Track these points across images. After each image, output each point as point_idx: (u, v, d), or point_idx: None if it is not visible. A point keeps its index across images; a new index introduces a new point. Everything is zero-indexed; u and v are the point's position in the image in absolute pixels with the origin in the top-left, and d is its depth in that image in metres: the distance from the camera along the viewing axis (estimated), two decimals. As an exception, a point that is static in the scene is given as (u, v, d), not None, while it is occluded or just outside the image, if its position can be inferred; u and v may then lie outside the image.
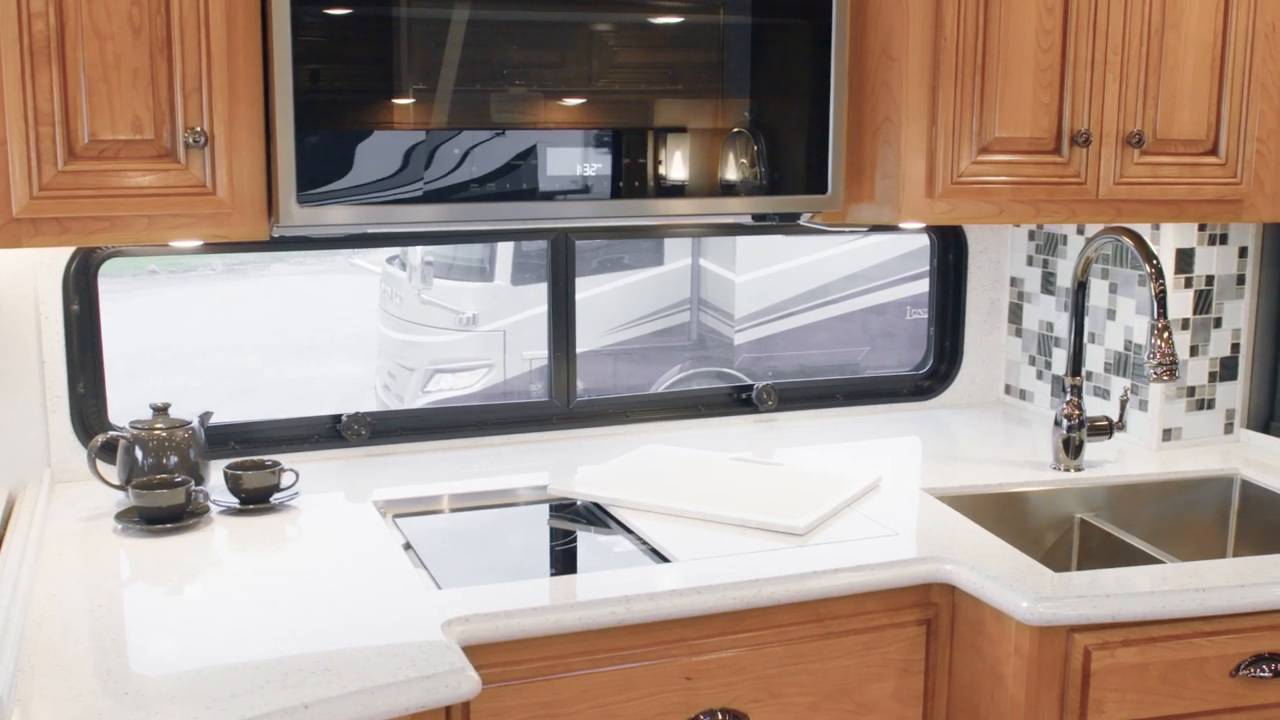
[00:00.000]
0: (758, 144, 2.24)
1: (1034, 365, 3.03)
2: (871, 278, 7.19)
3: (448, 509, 2.41)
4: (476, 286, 6.98)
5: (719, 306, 7.22)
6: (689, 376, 7.09)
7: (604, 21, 2.16)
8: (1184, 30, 2.35)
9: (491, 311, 6.90)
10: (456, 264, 7.07)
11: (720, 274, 7.21)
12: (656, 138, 2.21)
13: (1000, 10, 2.26)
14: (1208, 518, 2.61)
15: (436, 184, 2.08)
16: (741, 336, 7.19)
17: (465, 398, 6.54)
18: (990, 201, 2.33)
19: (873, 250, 7.10)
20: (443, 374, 6.99)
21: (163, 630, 1.81)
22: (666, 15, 2.19)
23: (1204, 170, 2.41)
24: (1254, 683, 2.05)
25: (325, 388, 8.35)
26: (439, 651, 1.74)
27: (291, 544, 2.17)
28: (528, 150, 2.13)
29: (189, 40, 1.91)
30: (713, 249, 7.11)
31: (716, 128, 2.24)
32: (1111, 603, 1.97)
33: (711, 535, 2.20)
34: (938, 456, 2.72)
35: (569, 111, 2.17)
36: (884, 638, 2.09)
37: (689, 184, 2.23)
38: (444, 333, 6.99)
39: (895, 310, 7.28)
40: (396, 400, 6.95)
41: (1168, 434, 2.73)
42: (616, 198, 2.19)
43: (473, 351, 6.94)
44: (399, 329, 7.24)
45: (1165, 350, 2.31)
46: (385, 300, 7.43)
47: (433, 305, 7.00)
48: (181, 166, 1.94)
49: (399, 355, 7.19)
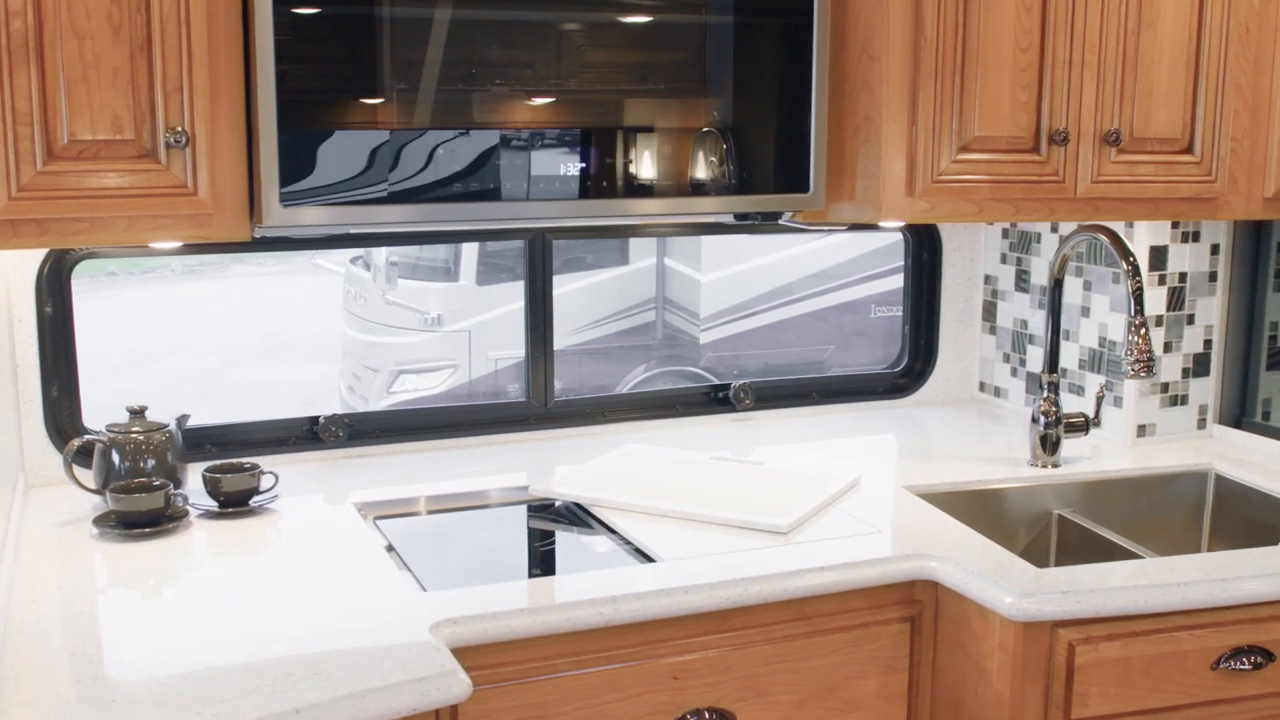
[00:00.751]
0: (739, 144, 2.25)
1: (1008, 362, 3.05)
2: (836, 276, 7.21)
3: (429, 510, 2.40)
4: (441, 287, 6.96)
5: (685, 305, 7.22)
6: (655, 376, 7.09)
7: (585, 21, 2.16)
8: (1159, 30, 2.37)
9: (456, 312, 6.87)
10: (420, 264, 7.04)
11: (686, 273, 7.21)
12: (637, 137, 2.20)
13: (979, 10, 2.27)
14: (1183, 512, 2.63)
15: (420, 184, 2.07)
16: (707, 335, 7.20)
17: (437, 399, 6.51)
18: (970, 200, 2.34)
19: (837, 248, 7.13)
20: (408, 375, 6.95)
21: (146, 636, 1.79)
22: (647, 14, 2.19)
23: (1180, 168, 2.44)
24: (1234, 675, 2.07)
25: (287, 389, 8.29)
26: (429, 654, 1.73)
27: (273, 547, 2.15)
28: (515, 150, 2.12)
29: (169, 39, 1.89)
30: (678, 248, 7.11)
31: (700, 128, 2.24)
32: (1095, 598, 1.98)
33: (695, 534, 2.20)
34: (915, 454, 2.74)
35: (552, 111, 2.16)
36: (869, 635, 2.10)
37: (673, 184, 2.23)
38: (409, 333, 6.95)
39: (860, 308, 7.30)
40: (361, 401, 6.91)
41: (1142, 430, 2.76)
42: (602, 197, 2.18)
43: (438, 352, 6.91)
44: (363, 330, 7.20)
45: (1142, 347, 2.33)
46: (349, 301, 7.38)
47: (397, 306, 6.96)
48: (162, 167, 1.92)
49: (363, 356, 7.15)
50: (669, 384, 7.04)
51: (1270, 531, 2.47)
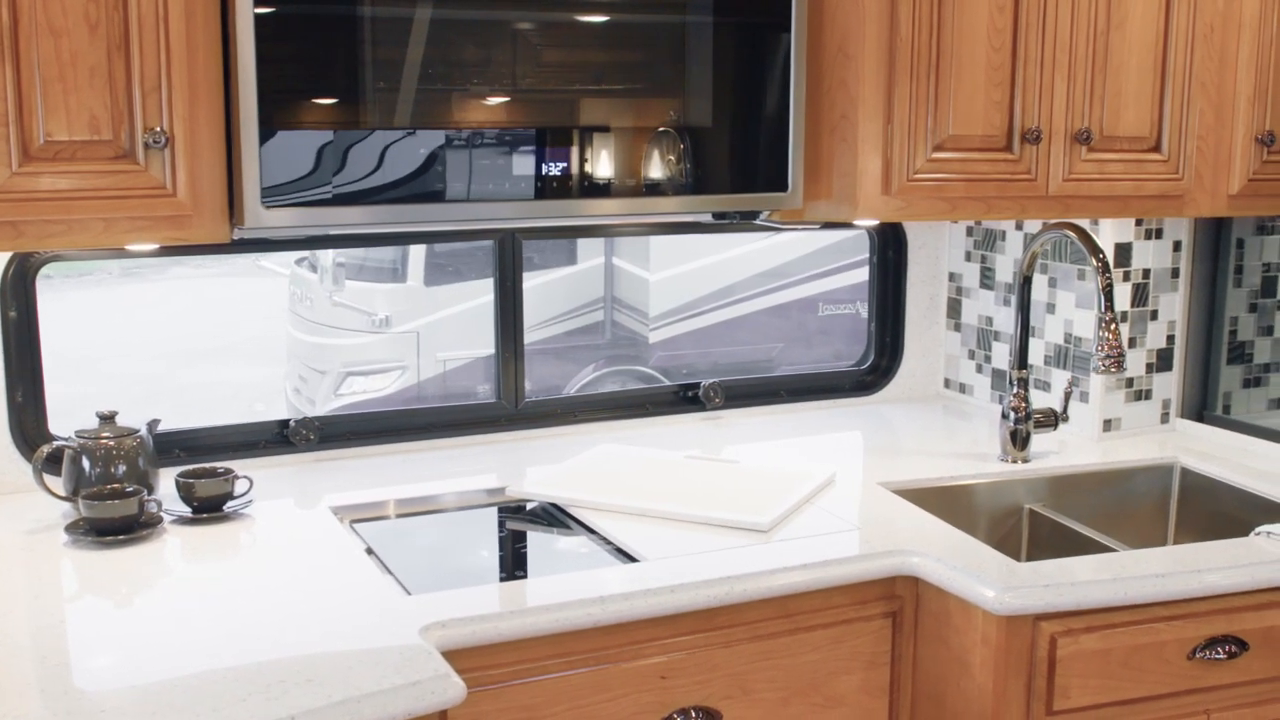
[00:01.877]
0: (717, 143, 2.25)
1: (973, 359, 3.08)
2: (785, 274, 7.24)
3: (406, 513, 2.38)
4: (389, 288, 6.91)
5: (634, 305, 7.22)
6: (604, 375, 7.09)
7: (566, 22, 2.15)
8: (1128, 30, 2.40)
9: (404, 313, 6.83)
10: (367, 265, 6.99)
11: (634, 272, 7.21)
12: (618, 137, 2.20)
13: (953, 9, 2.30)
14: (1150, 505, 2.67)
15: (404, 184, 2.05)
16: (657, 335, 7.20)
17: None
18: (944, 199, 2.36)
19: (785, 247, 7.16)
20: (355, 376, 6.90)
21: (129, 644, 1.76)
22: (628, 14, 2.19)
23: (1148, 166, 2.47)
24: (1210, 664, 2.11)
25: (232, 392, 8.19)
26: (421, 657, 1.72)
27: (251, 552, 2.12)
28: (501, 151, 2.11)
29: (147, 37, 1.86)
30: (626, 247, 7.11)
31: (679, 127, 2.24)
32: (1076, 590, 2.01)
33: (676, 534, 2.20)
34: (886, 450, 2.75)
35: (536, 111, 2.15)
36: (851, 631, 2.11)
37: (656, 183, 2.23)
38: (356, 335, 6.90)
39: (809, 306, 7.34)
40: (308, 404, 6.85)
41: (1108, 424, 2.80)
42: (588, 198, 2.18)
43: (386, 353, 6.86)
44: (310, 331, 7.13)
45: (1112, 342, 2.36)
46: (295, 303, 7.32)
47: (344, 307, 6.91)
48: (140, 168, 1.89)
49: (310, 358, 7.09)
50: (618, 384, 7.04)
51: (1234, 523, 2.51)
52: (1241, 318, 2.86)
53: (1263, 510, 2.47)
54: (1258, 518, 2.44)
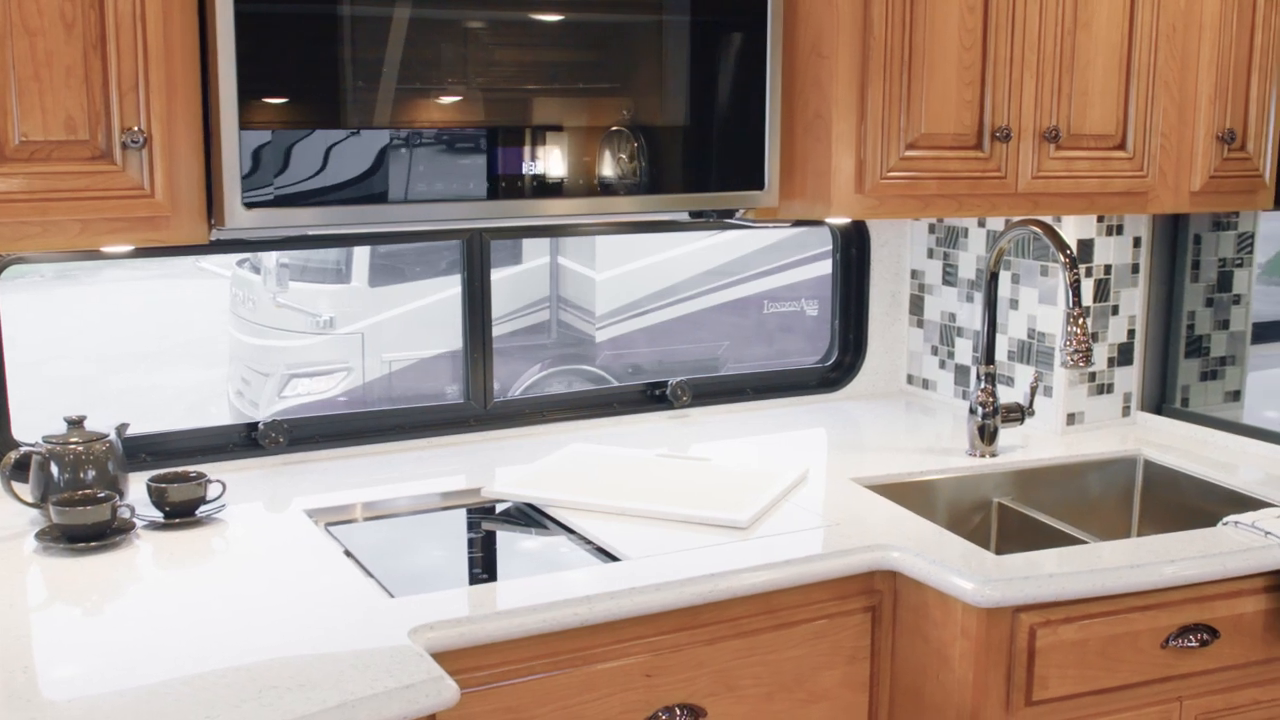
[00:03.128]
0: (695, 142, 2.26)
1: (936, 355, 3.11)
2: (730, 272, 7.28)
3: (381, 515, 2.36)
4: (333, 289, 6.86)
5: (579, 304, 7.21)
6: (550, 375, 7.08)
7: (546, 21, 2.15)
8: (1094, 30, 2.44)
9: (349, 314, 6.78)
10: (310, 266, 6.93)
11: (580, 271, 7.20)
12: (595, 136, 2.20)
13: (925, 10, 2.32)
14: (1115, 496, 2.72)
15: (383, 184, 2.03)
16: (603, 334, 7.20)
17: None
18: (916, 197, 2.39)
19: (731, 245, 7.19)
20: (299, 378, 6.84)
21: (111, 652, 1.73)
22: (603, 13, 2.18)
23: (1114, 164, 2.51)
24: (1182, 653, 2.15)
25: (172, 395, 8.08)
26: (412, 660, 1.71)
27: (229, 557, 2.10)
28: (486, 150, 2.10)
29: (124, 36, 1.83)
30: (572, 246, 7.11)
31: (656, 126, 2.24)
32: (1055, 582, 2.04)
33: (655, 532, 2.20)
34: (855, 447, 2.78)
35: (515, 111, 2.14)
36: (833, 626, 2.12)
37: (633, 183, 2.23)
38: (300, 336, 6.83)
39: (754, 304, 7.38)
40: (251, 406, 6.78)
41: (1071, 418, 2.84)
42: (565, 197, 2.18)
43: (330, 355, 6.81)
44: (252, 333, 7.06)
45: (1080, 337, 2.39)
46: (237, 304, 7.23)
47: (288, 308, 6.84)
48: (117, 168, 1.86)
49: (252, 360, 7.01)
50: (564, 383, 7.03)
51: (1197, 513, 2.56)
52: (1198, 312, 2.92)
53: (1225, 500, 2.52)
54: (1219, 507, 2.49)
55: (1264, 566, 2.15)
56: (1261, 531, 2.19)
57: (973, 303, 2.99)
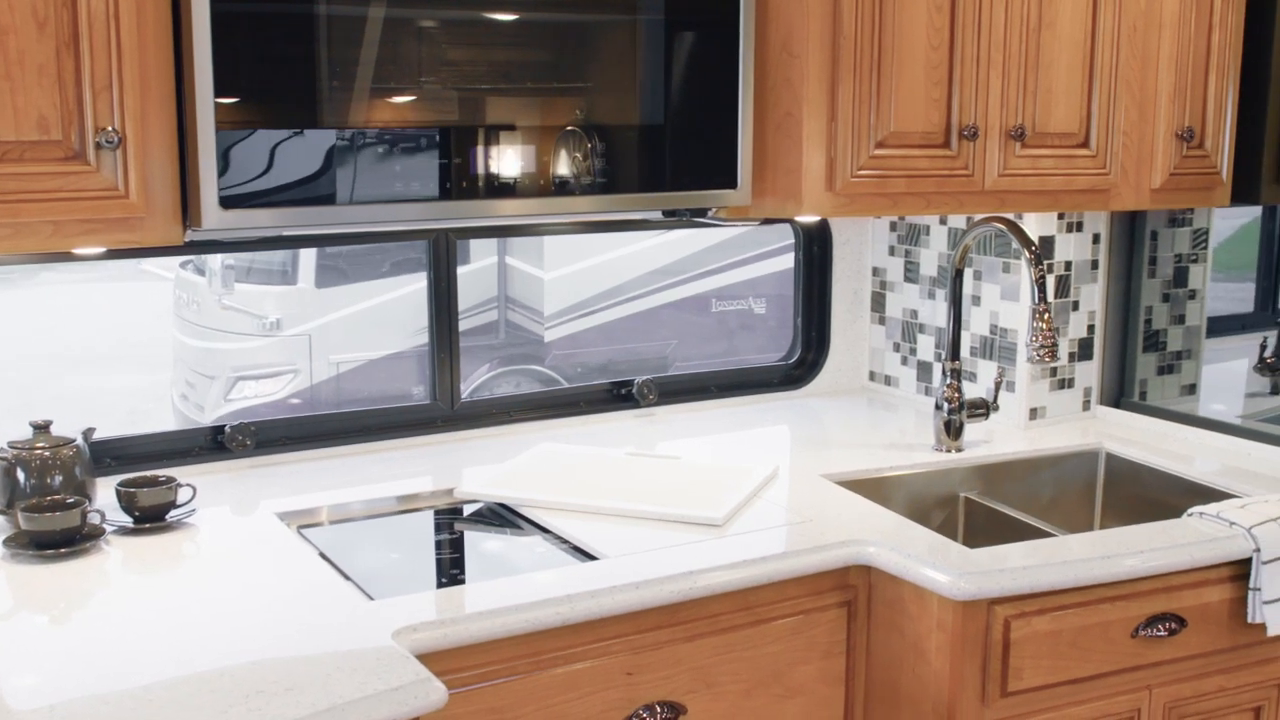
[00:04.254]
0: (670, 140, 2.26)
1: (898, 351, 3.14)
2: (678, 271, 7.30)
3: (354, 517, 2.35)
4: (279, 290, 6.80)
5: (528, 304, 7.20)
6: (499, 376, 7.06)
7: (520, 22, 2.14)
8: (1058, 29, 2.47)
9: (295, 316, 6.72)
10: (256, 267, 6.87)
11: (528, 271, 7.19)
12: (568, 135, 2.20)
13: (894, 9, 2.34)
14: (1078, 489, 2.76)
15: (362, 184, 2.02)
16: (552, 333, 7.19)
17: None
18: (885, 194, 2.41)
19: (678, 244, 7.20)
20: (246, 381, 6.77)
21: (90, 659, 1.71)
22: (575, 13, 2.19)
23: (1077, 162, 2.55)
24: (1151, 641, 2.19)
25: (113, 400, 7.96)
26: (398, 662, 1.71)
27: (204, 561, 2.08)
28: (455, 147, 2.09)
29: (98, 34, 1.80)
30: (519, 246, 7.09)
31: (629, 125, 2.25)
32: (1029, 574, 2.07)
33: (631, 530, 2.21)
34: (822, 443, 2.80)
35: (491, 110, 2.14)
36: (809, 621, 2.14)
37: (607, 181, 2.23)
38: (246, 338, 6.77)
39: (702, 302, 7.40)
40: (196, 410, 6.70)
41: (1034, 413, 2.87)
42: (541, 196, 2.18)
43: (277, 357, 6.75)
44: (197, 336, 6.98)
45: (1046, 332, 2.43)
46: (181, 307, 7.15)
47: (234, 310, 6.78)
48: (91, 169, 1.83)
49: (197, 363, 6.94)
50: (513, 384, 7.02)
51: (1157, 504, 2.60)
52: (1155, 307, 2.97)
53: (1185, 491, 2.56)
54: (1180, 499, 2.53)
55: (1229, 556, 2.20)
56: (1226, 522, 2.23)
57: (934, 299, 3.02)
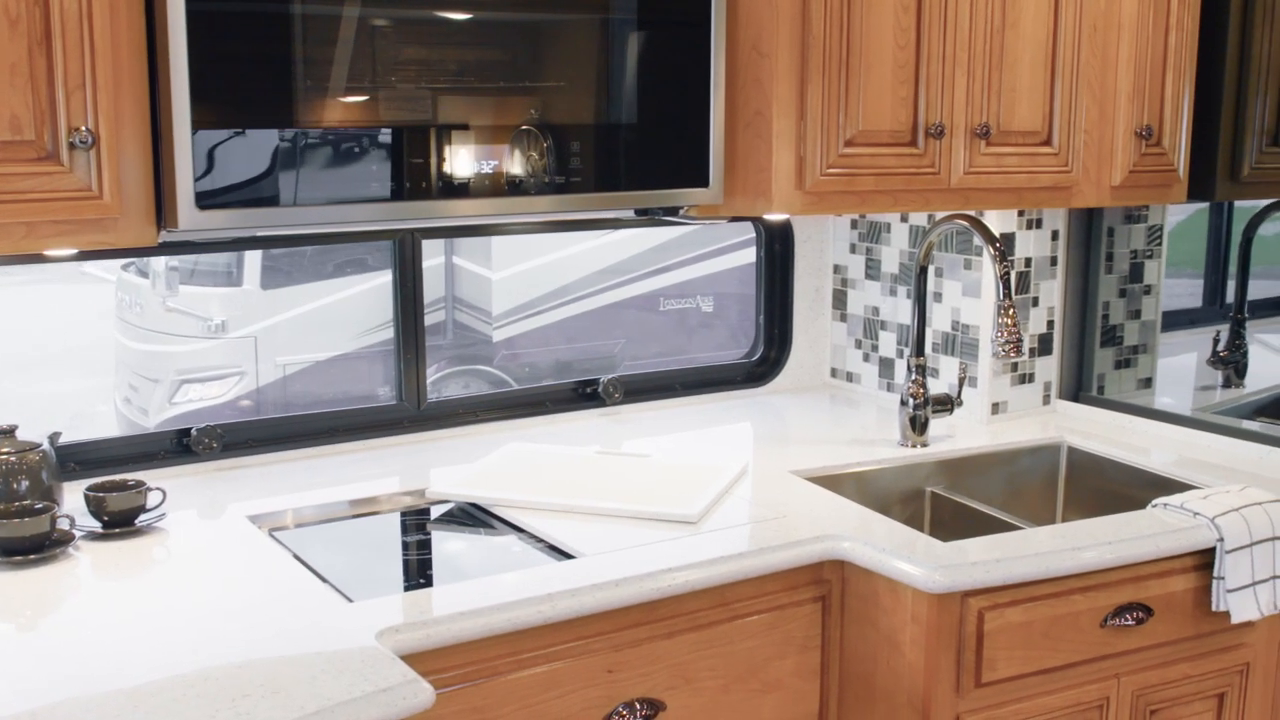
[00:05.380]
0: (642, 139, 2.27)
1: (860, 348, 3.16)
2: (626, 270, 7.31)
3: (325, 519, 2.33)
4: (224, 292, 6.74)
5: (476, 304, 7.18)
6: (447, 376, 7.02)
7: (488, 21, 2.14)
8: (1021, 29, 2.51)
9: (241, 317, 6.66)
10: (200, 269, 6.79)
11: (476, 271, 7.16)
12: (539, 134, 2.20)
13: (861, 9, 2.36)
14: (1040, 482, 2.80)
15: (339, 184, 2.01)
16: (501, 333, 7.17)
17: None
18: (854, 192, 2.43)
19: (626, 243, 7.21)
20: (191, 384, 6.70)
21: (69, 664, 1.69)
22: (553, 12, 2.18)
23: (1040, 159, 2.59)
24: (1120, 631, 2.22)
25: (53, 404, 7.83)
26: (384, 663, 1.70)
27: (177, 565, 2.06)
28: (432, 147, 2.09)
29: (70, 33, 1.77)
30: (466, 246, 7.06)
31: (602, 124, 2.25)
32: (1002, 566, 2.09)
33: (605, 529, 2.21)
34: (789, 440, 2.81)
35: (466, 109, 2.13)
36: (785, 616, 2.15)
37: (580, 180, 2.23)
38: (191, 341, 6.70)
39: (650, 301, 7.42)
40: (140, 414, 6.62)
41: (996, 407, 2.91)
42: (514, 195, 2.18)
43: (222, 359, 6.68)
44: (140, 339, 6.89)
45: (1011, 328, 2.46)
46: (123, 310, 7.06)
47: (178, 313, 6.70)
48: (65, 169, 1.80)
49: (141, 367, 6.85)
50: (462, 384, 6.99)
51: (1118, 496, 2.65)
52: (1112, 302, 3.02)
53: (1144, 483, 2.61)
54: (1139, 490, 2.58)
55: (1194, 546, 2.24)
56: (1190, 512, 2.27)
57: (896, 296, 3.05)
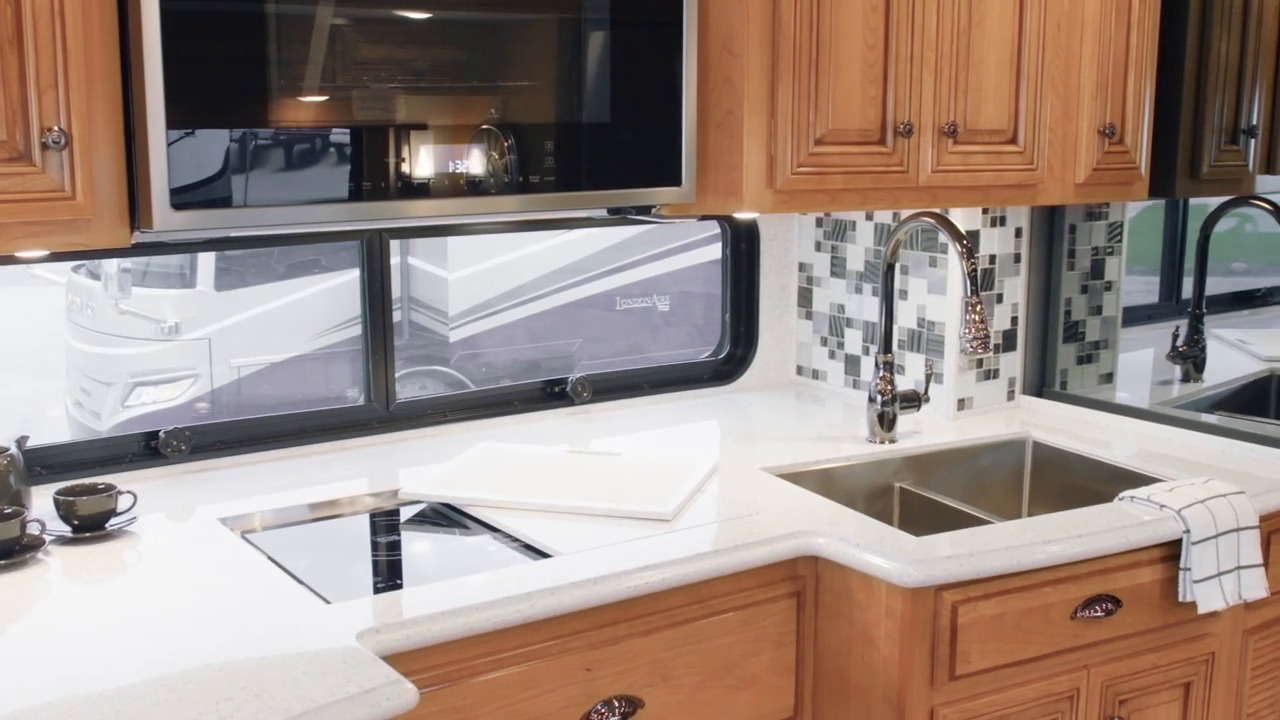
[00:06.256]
0: (616, 139, 2.28)
1: (826, 346, 3.19)
2: (582, 269, 7.31)
3: (298, 521, 2.32)
4: (177, 294, 6.68)
5: (432, 304, 7.16)
6: (404, 377, 6.99)
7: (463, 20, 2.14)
8: (987, 29, 2.53)
9: (195, 319, 6.60)
10: (153, 270, 6.72)
11: (432, 271, 7.15)
12: (513, 133, 2.20)
13: (831, 9, 2.38)
14: (1006, 477, 2.83)
15: (315, 183, 2.00)
16: (457, 334, 7.16)
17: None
18: (824, 191, 2.45)
19: (581, 243, 7.22)
20: (144, 387, 6.63)
21: (48, 669, 1.67)
22: (527, 12, 2.18)
23: (1006, 158, 2.61)
24: (1089, 622, 2.25)
25: (3, 408, 7.72)
26: (366, 664, 1.69)
27: (151, 569, 2.04)
28: (413, 146, 2.08)
29: (42, 32, 1.75)
30: (422, 247, 7.04)
31: (575, 123, 2.25)
32: (975, 560, 2.12)
33: (580, 527, 2.21)
34: (759, 437, 2.83)
35: (443, 108, 2.13)
36: (760, 613, 2.17)
37: (554, 180, 2.23)
38: (144, 343, 6.64)
39: (607, 301, 7.43)
40: (92, 417, 6.55)
41: (961, 403, 2.94)
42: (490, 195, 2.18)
43: (176, 362, 6.62)
44: (92, 342, 6.82)
45: (979, 324, 2.49)
46: (74, 312, 6.97)
47: (131, 315, 6.63)
48: (37, 169, 1.78)
49: (93, 370, 6.78)
50: (418, 385, 6.96)
51: (1082, 490, 2.69)
52: (1074, 299, 3.06)
53: (1109, 477, 2.65)
54: (1102, 484, 2.62)
55: (1161, 538, 2.27)
56: (1156, 505, 2.31)
57: (861, 294, 3.08)
